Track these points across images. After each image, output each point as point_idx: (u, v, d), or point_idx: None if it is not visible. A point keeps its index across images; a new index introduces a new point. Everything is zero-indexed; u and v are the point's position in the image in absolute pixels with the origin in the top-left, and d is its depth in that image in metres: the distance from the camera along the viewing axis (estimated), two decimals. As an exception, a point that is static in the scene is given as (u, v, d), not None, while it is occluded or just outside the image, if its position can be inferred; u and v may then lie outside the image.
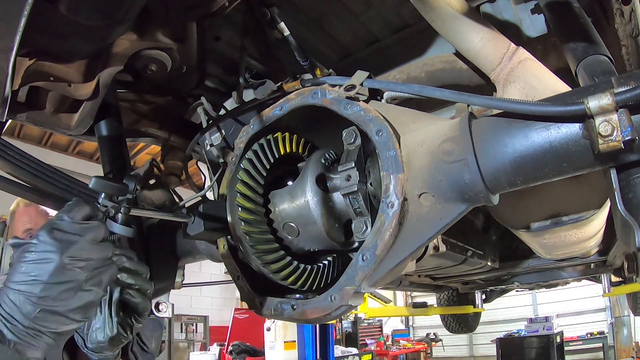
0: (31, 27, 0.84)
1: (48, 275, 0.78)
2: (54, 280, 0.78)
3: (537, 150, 0.85)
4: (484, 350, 15.85)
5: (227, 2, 1.29)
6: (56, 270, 0.78)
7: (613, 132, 0.75)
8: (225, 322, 9.57)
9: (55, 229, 0.82)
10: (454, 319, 6.27)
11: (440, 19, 1.21)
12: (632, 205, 0.81)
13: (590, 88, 0.85)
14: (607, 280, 5.09)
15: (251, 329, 8.93)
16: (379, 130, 1.02)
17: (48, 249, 0.80)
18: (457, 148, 0.91)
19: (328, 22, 1.58)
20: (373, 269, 0.99)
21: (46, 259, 0.79)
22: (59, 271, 0.78)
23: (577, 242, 1.75)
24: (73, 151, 10.80)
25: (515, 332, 11.07)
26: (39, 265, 0.79)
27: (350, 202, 1.09)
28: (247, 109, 1.42)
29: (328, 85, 1.17)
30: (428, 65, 1.49)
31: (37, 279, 0.78)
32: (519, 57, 1.20)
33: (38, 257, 0.79)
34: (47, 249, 0.80)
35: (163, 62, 1.39)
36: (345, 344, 11.14)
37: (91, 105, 1.38)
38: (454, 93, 0.99)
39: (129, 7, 1.10)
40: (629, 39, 1.30)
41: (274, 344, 7.01)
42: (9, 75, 0.91)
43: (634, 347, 11.23)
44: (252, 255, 1.14)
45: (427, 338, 13.98)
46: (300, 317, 1.11)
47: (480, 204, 0.94)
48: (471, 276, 3.06)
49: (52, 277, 0.78)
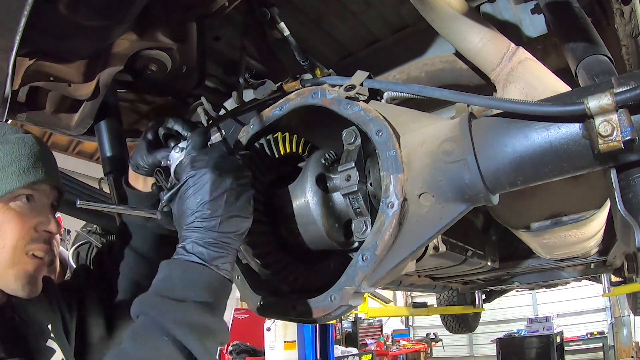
0: (31, 27, 0.84)
1: (209, 194, 0.92)
2: (214, 195, 0.92)
3: (537, 150, 0.85)
4: (484, 350, 15.84)
5: (227, 2, 1.29)
6: (212, 187, 0.92)
7: (613, 132, 0.75)
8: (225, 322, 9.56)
9: (192, 162, 0.97)
10: (454, 319, 6.28)
11: (440, 19, 1.21)
12: (632, 205, 0.81)
13: (590, 88, 0.85)
14: (607, 280, 5.10)
15: (251, 329, 8.93)
16: (379, 130, 1.02)
17: (198, 177, 0.94)
18: (457, 148, 0.91)
19: (328, 22, 1.58)
20: (373, 269, 0.99)
21: (200, 184, 0.93)
22: (214, 187, 0.92)
23: (577, 242, 1.75)
24: (73, 151, 10.80)
25: (515, 332, 11.07)
26: (198, 192, 0.93)
27: (350, 202, 1.09)
28: (247, 109, 1.42)
29: (328, 85, 1.17)
30: (428, 65, 1.49)
31: (202, 199, 0.92)
32: (519, 57, 1.20)
33: (193, 188, 0.93)
34: (198, 177, 0.94)
35: (163, 62, 1.39)
36: (345, 344, 11.13)
37: (91, 105, 1.38)
38: (454, 93, 0.99)
39: (129, 7, 1.10)
40: (629, 39, 1.30)
41: (274, 344, 7.00)
42: (9, 75, 0.92)
43: (634, 347, 11.23)
44: (252, 255, 1.14)
45: (427, 338, 13.97)
46: (300, 317, 1.11)
47: (480, 204, 0.94)
48: (471, 276, 3.06)
49: (212, 193, 0.92)
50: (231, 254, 0.95)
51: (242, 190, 0.96)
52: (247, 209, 0.97)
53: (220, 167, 0.95)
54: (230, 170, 0.96)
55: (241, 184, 0.97)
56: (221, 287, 0.92)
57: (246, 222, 0.97)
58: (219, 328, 0.88)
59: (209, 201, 0.92)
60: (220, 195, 0.93)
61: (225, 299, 0.94)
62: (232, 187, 0.94)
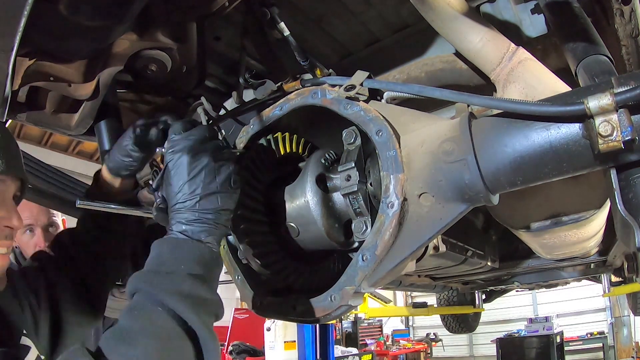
0: (31, 27, 0.84)
1: (187, 174, 0.95)
2: (192, 175, 0.95)
3: (537, 150, 0.85)
4: (484, 350, 15.85)
5: (227, 2, 1.29)
6: (189, 168, 0.95)
7: (613, 132, 0.75)
8: (225, 322, 9.58)
9: (171, 147, 0.99)
10: (454, 319, 6.28)
11: (440, 19, 1.21)
12: (632, 205, 0.81)
13: (590, 88, 0.85)
14: (607, 280, 5.10)
15: (251, 329, 8.93)
16: (378, 130, 1.02)
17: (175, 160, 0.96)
18: (457, 148, 0.91)
19: (328, 22, 1.58)
20: (373, 269, 0.99)
21: (178, 166, 0.96)
22: (190, 167, 0.95)
23: (577, 242, 1.75)
24: (73, 151, 10.81)
25: (515, 332, 11.09)
26: (177, 174, 0.96)
27: (350, 202, 1.09)
28: (247, 109, 1.42)
29: (328, 85, 1.17)
30: (428, 65, 1.49)
31: (181, 181, 0.95)
32: (519, 57, 1.20)
33: (173, 172, 0.96)
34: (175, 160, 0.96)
35: (163, 62, 1.39)
36: (345, 344, 11.14)
37: (91, 105, 1.38)
38: (454, 93, 0.99)
39: (129, 7, 1.10)
40: (629, 39, 1.30)
41: (274, 344, 7.01)
42: (9, 75, 0.91)
43: (634, 347, 11.24)
44: (252, 255, 1.14)
45: (427, 338, 13.98)
46: (300, 317, 1.11)
47: (480, 204, 0.94)
48: (471, 276, 3.05)
49: (190, 173, 0.95)
50: (216, 229, 0.96)
51: (221, 167, 0.98)
52: (226, 185, 0.98)
53: (196, 148, 0.97)
54: (207, 149, 0.98)
55: (220, 163, 0.98)
56: (212, 261, 0.93)
57: (227, 198, 0.98)
58: (212, 299, 0.89)
59: (187, 181, 0.94)
60: (197, 174, 0.95)
61: (216, 272, 0.96)
62: (209, 166, 0.96)
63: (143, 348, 0.77)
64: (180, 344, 0.81)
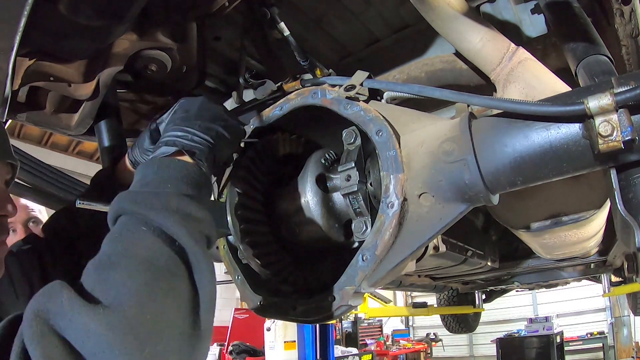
0: (31, 27, 0.84)
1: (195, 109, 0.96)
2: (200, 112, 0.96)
3: (537, 151, 0.85)
4: (484, 350, 15.85)
5: (227, 2, 1.29)
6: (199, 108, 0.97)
7: (613, 132, 0.75)
8: (225, 322, 9.57)
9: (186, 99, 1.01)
10: (454, 319, 6.28)
11: (440, 19, 1.21)
12: (632, 205, 0.81)
13: (590, 88, 0.85)
14: (607, 280, 5.10)
15: (251, 329, 8.94)
16: (378, 130, 1.02)
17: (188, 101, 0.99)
18: (457, 148, 0.91)
19: (328, 22, 1.58)
20: (373, 269, 0.99)
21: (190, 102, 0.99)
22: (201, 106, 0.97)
23: (577, 242, 1.75)
24: (73, 151, 10.80)
25: (515, 332, 11.08)
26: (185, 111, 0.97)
27: (350, 202, 1.09)
28: (247, 109, 1.42)
29: (328, 85, 1.17)
30: (428, 65, 1.49)
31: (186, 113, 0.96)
32: (519, 57, 1.20)
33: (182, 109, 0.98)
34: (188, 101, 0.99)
35: (163, 62, 1.39)
36: (345, 344, 11.14)
37: (91, 105, 1.38)
38: (454, 93, 0.99)
39: (129, 7, 1.10)
40: (629, 39, 1.30)
41: (274, 344, 7.01)
42: (9, 75, 0.91)
43: (634, 347, 11.23)
44: (252, 255, 1.14)
45: (427, 338, 13.98)
46: (300, 317, 1.11)
47: (480, 204, 0.94)
48: (471, 276, 3.06)
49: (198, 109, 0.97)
50: (208, 150, 0.92)
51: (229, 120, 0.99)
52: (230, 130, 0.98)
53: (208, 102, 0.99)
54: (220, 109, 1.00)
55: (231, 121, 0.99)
56: (201, 180, 0.87)
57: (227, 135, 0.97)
58: (203, 216, 0.80)
59: (195, 113, 0.95)
60: (204, 113, 0.96)
61: (206, 192, 0.90)
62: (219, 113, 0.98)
63: (126, 270, 0.67)
64: (169, 263, 0.71)
